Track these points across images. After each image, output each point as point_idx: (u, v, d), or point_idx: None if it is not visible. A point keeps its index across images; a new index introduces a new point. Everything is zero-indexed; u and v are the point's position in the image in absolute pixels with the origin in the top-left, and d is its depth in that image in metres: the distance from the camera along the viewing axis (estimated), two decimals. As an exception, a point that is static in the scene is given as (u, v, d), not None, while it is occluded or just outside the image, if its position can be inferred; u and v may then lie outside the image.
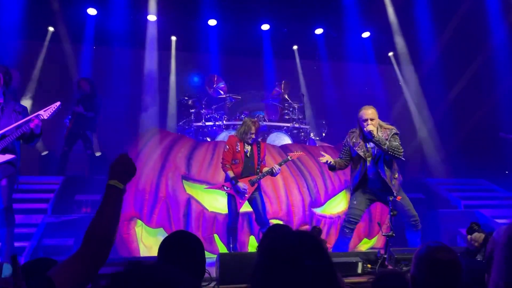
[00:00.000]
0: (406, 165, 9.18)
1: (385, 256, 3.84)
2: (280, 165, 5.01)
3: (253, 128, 4.92)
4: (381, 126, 4.44)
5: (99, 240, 1.43)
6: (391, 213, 4.07)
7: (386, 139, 4.30)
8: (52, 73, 8.94)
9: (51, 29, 8.77)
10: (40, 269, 1.82)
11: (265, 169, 4.96)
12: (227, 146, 4.91)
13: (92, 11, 8.50)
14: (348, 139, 4.59)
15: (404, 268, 3.65)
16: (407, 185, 7.83)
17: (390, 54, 10.19)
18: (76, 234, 5.49)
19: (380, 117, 4.48)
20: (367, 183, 4.48)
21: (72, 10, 8.33)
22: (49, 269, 1.82)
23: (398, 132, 4.44)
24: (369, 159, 4.41)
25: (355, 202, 4.50)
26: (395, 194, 4.28)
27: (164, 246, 1.96)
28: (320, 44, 9.86)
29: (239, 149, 4.89)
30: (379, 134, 4.31)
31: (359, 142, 4.47)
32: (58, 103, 4.22)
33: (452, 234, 6.44)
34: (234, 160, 4.89)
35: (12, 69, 5.79)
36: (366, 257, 3.85)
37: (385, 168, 4.39)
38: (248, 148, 4.96)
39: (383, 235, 4.17)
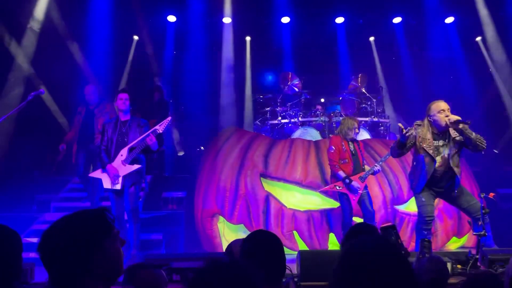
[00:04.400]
0: (499, 159, 8.47)
1: (477, 257, 3.59)
2: (380, 162, 5.07)
3: (356, 124, 5.03)
4: None
5: None
6: (483, 211, 3.79)
7: None
8: (138, 80, 9.56)
9: (135, 37, 9.39)
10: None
11: (366, 167, 5.04)
12: (333, 147, 4.98)
13: (172, 18, 8.95)
14: (414, 131, 4.18)
15: (500, 270, 3.38)
16: (499, 179, 7.26)
17: (478, 39, 9.42)
18: (165, 229, 5.86)
19: (468, 108, 4.19)
20: (431, 181, 4.18)
21: (154, 18, 8.85)
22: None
23: None
24: (438, 157, 4.13)
25: (423, 199, 4.19)
26: (456, 192, 4.11)
27: (245, 246, 2.02)
28: (399, 34, 9.41)
29: (345, 148, 4.97)
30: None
31: (428, 139, 4.15)
32: (169, 118, 4.84)
33: (555, 233, 5.82)
34: (342, 159, 4.96)
35: (89, 84, 6.25)
36: (455, 257, 3.63)
37: (455, 168, 4.11)
38: (352, 145, 5.03)
39: (474, 234, 3.90)
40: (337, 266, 1.18)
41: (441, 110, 4.06)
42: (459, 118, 3.96)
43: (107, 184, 4.72)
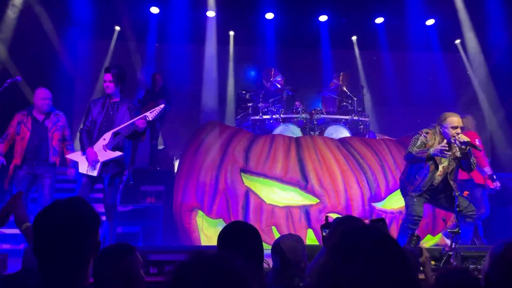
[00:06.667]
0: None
1: (450, 253, 3.68)
2: None
3: None
4: None
5: None
6: (457, 209, 3.89)
7: None
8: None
9: (117, 28, 9.24)
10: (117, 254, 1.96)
11: None
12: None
13: (154, 10, 8.84)
14: (424, 139, 4.25)
15: (471, 266, 3.48)
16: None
17: (457, 41, 9.63)
18: (142, 222, 5.81)
19: (445, 108, 4.27)
20: (428, 188, 4.27)
21: (136, 9, 8.72)
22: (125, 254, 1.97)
23: None
24: (440, 167, 4.21)
25: (415, 200, 4.27)
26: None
27: (223, 236, 2.03)
28: (381, 34, 9.54)
29: None
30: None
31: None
32: (162, 105, 4.44)
33: (526, 232, 6.02)
34: None
35: (41, 87, 5.05)
36: (429, 253, 3.70)
37: (453, 183, 4.20)
38: None
39: (449, 231, 4.00)
40: (330, 251, 1.14)
41: (455, 127, 4.11)
42: (468, 140, 4.03)
43: (83, 168, 4.38)
